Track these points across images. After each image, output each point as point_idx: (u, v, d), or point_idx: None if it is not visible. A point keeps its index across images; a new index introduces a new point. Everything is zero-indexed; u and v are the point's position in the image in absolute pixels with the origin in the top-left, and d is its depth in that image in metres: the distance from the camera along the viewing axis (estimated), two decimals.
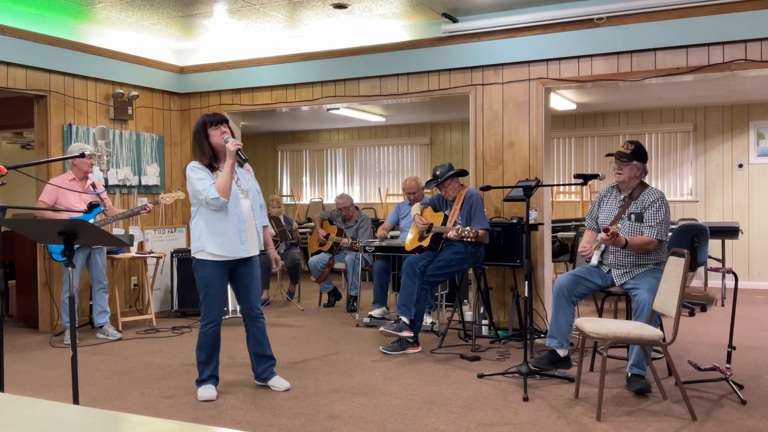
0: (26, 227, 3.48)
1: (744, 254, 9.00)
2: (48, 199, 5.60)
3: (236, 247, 4.00)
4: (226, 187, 3.89)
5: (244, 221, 4.03)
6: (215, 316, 4.07)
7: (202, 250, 4.00)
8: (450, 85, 6.28)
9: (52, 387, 4.43)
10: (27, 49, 5.99)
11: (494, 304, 6.01)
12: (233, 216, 3.98)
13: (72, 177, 5.76)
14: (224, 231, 3.97)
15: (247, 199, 4.10)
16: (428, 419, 3.70)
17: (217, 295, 4.06)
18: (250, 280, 4.17)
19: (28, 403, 1.29)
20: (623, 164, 4.37)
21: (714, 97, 8.56)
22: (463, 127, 10.86)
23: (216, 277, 4.03)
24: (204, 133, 4.01)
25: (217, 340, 4.12)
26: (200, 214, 4.01)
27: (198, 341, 4.13)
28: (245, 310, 4.22)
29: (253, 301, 4.20)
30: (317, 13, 6.06)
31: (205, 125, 4.01)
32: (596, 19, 5.59)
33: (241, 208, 4.03)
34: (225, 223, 3.96)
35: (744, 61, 5.18)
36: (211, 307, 4.06)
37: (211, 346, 4.10)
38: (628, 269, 4.34)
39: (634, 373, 4.15)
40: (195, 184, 3.93)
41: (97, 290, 5.88)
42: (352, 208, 7.63)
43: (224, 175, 3.90)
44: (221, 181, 3.89)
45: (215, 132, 3.99)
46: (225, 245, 3.98)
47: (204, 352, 4.11)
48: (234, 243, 3.99)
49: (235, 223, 3.98)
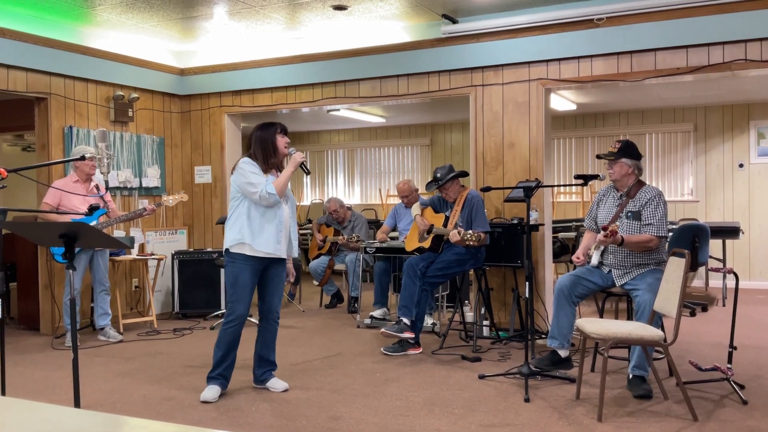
0: (27, 230, 3.49)
1: (745, 254, 9.00)
2: (52, 201, 5.62)
3: (274, 246, 4.11)
4: (283, 187, 4.09)
5: (282, 224, 4.15)
6: (239, 315, 4.11)
7: (241, 242, 4.06)
8: (450, 86, 6.28)
9: (54, 389, 4.43)
10: (27, 52, 6.00)
11: (495, 305, 6.01)
12: (276, 217, 4.11)
13: (76, 179, 5.77)
14: (267, 229, 4.08)
15: (287, 204, 4.25)
16: (429, 420, 3.70)
17: (245, 292, 4.11)
18: (277, 282, 4.27)
19: (29, 406, 1.29)
20: (612, 162, 4.44)
21: (714, 97, 8.56)
22: (463, 127, 10.86)
23: (247, 276, 4.09)
24: (274, 135, 4.19)
25: (236, 339, 4.16)
26: (243, 209, 4.09)
27: (218, 337, 4.16)
28: (264, 311, 4.28)
29: (274, 303, 4.29)
30: (317, 14, 6.06)
31: (275, 127, 4.21)
32: (596, 20, 5.59)
33: (282, 212, 4.16)
34: (268, 222, 4.09)
35: (744, 60, 5.18)
36: (238, 305, 4.10)
37: (229, 344, 4.14)
38: (629, 269, 4.34)
39: (635, 375, 4.14)
40: (250, 177, 4.06)
41: (99, 292, 5.88)
42: (342, 209, 7.64)
43: (284, 176, 4.12)
44: (281, 180, 4.10)
45: (281, 139, 4.21)
46: (265, 242, 4.08)
47: (221, 350, 4.13)
48: (273, 242, 4.10)
49: (276, 223, 4.11)
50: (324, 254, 7.61)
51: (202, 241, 7.61)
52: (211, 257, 6.98)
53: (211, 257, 6.98)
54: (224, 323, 4.14)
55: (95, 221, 5.69)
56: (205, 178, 7.58)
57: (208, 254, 7.04)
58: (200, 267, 7.00)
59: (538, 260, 5.88)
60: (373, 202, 11.52)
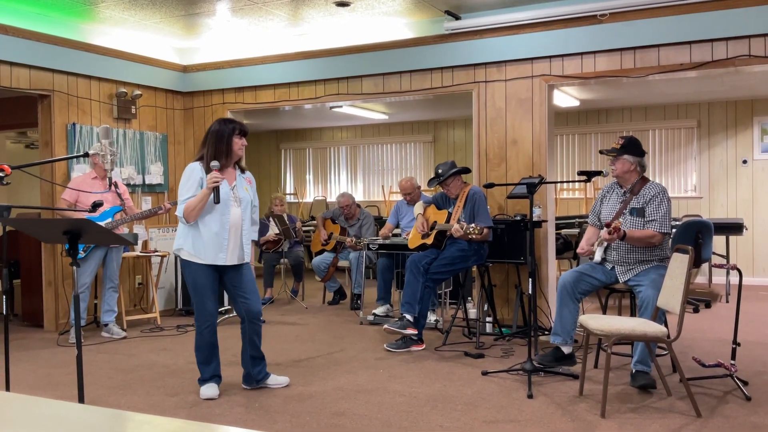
0: (31, 227, 3.49)
1: (748, 250, 8.98)
2: (69, 198, 5.68)
3: (213, 254, 3.97)
4: (192, 213, 3.92)
5: (227, 230, 3.99)
6: (208, 317, 4.05)
7: (181, 249, 4.03)
8: (453, 82, 6.27)
9: (58, 386, 4.45)
10: (30, 49, 6.00)
11: (498, 302, 6.01)
12: (216, 223, 3.96)
13: (94, 176, 5.83)
14: (203, 235, 3.96)
15: (239, 207, 4.06)
16: (432, 416, 3.70)
17: (206, 296, 4.03)
18: (241, 285, 4.11)
19: (33, 402, 1.29)
20: (614, 159, 4.43)
21: (718, 93, 8.54)
22: (466, 124, 10.85)
23: (201, 278, 4.00)
24: (232, 132, 4.03)
25: (213, 340, 4.10)
26: None
27: (195, 342, 4.12)
28: (243, 315, 4.15)
29: (252, 305, 4.13)
30: (320, 11, 6.06)
31: (234, 126, 4.05)
32: (599, 16, 5.58)
33: (228, 216, 4.00)
34: (206, 228, 3.95)
35: (748, 56, 5.16)
36: (203, 308, 4.04)
37: (208, 346, 4.09)
38: (632, 266, 4.33)
39: (638, 370, 4.14)
40: (181, 188, 4.00)
41: (108, 288, 5.90)
42: (354, 206, 7.63)
43: (196, 200, 3.92)
44: (192, 204, 3.92)
45: (238, 141, 4.05)
46: (201, 249, 3.96)
47: (202, 353, 4.10)
48: (210, 249, 3.96)
49: (216, 230, 3.96)
50: (328, 251, 7.61)
51: None
52: None
53: None
54: (197, 327, 4.07)
55: (110, 218, 5.71)
56: None
57: None
58: None
59: (541, 257, 5.87)
60: (376, 199, 11.52)
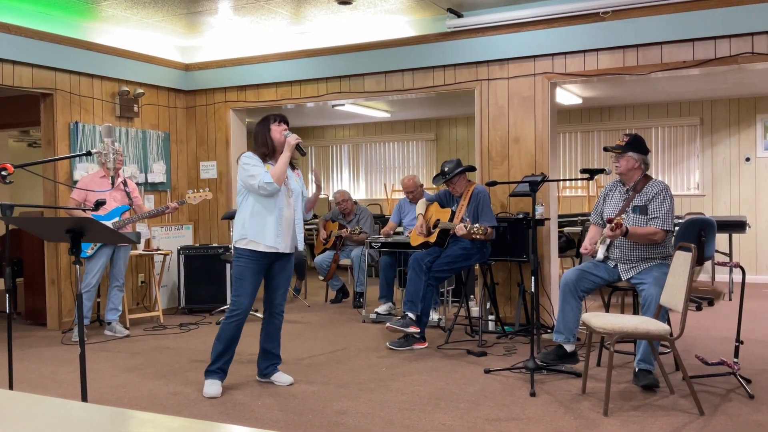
0: (33, 225, 3.49)
1: (751, 248, 8.96)
2: (78, 197, 5.69)
3: (273, 239, 4.09)
4: (280, 175, 4.05)
5: (283, 217, 4.13)
6: (243, 310, 4.12)
7: (244, 238, 4.09)
8: (455, 80, 6.27)
9: (61, 384, 4.45)
10: (33, 48, 6.01)
11: (501, 300, 6.01)
12: (275, 209, 4.10)
13: (102, 174, 5.83)
14: (267, 222, 4.08)
15: (291, 198, 4.22)
16: (435, 415, 3.70)
17: (248, 291, 4.12)
18: (282, 277, 4.27)
19: (36, 400, 1.29)
20: (619, 156, 4.43)
21: (720, 91, 8.52)
22: (468, 122, 10.85)
23: (252, 270, 4.11)
24: (267, 126, 4.18)
25: (237, 333, 4.16)
26: (246, 204, 4.12)
27: (219, 331, 4.16)
28: (268, 305, 4.30)
29: (278, 297, 4.30)
30: (322, 9, 6.06)
31: (268, 120, 4.20)
32: (602, 13, 5.57)
33: (283, 205, 4.14)
34: (265, 214, 4.08)
35: (751, 54, 5.15)
36: (239, 302, 4.11)
37: (230, 338, 4.14)
38: (635, 264, 4.33)
39: (641, 368, 4.14)
40: (250, 169, 4.07)
41: (113, 287, 5.91)
42: (349, 202, 7.65)
43: (280, 163, 4.08)
44: (277, 168, 4.07)
45: (277, 128, 4.17)
46: (262, 234, 4.07)
47: (222, 344, 4.14)
48: (272, 235, 4.09)
49: (276, 216, 4.10)
50: (329, 248, 7.62)
51: (207, 236, 7.63)
52: (217, 252, 6.99)
53: (217, 252, 6.99)
54: (227, 317, 4.15)
55: (117, 218, 5.72)
56: (211, 173, 7.59)
57: (213, 249, 7.05)
58: (206, 262, 7.02)
59: (543, 255, 5.87)
60: (378, 197, 11.51)
